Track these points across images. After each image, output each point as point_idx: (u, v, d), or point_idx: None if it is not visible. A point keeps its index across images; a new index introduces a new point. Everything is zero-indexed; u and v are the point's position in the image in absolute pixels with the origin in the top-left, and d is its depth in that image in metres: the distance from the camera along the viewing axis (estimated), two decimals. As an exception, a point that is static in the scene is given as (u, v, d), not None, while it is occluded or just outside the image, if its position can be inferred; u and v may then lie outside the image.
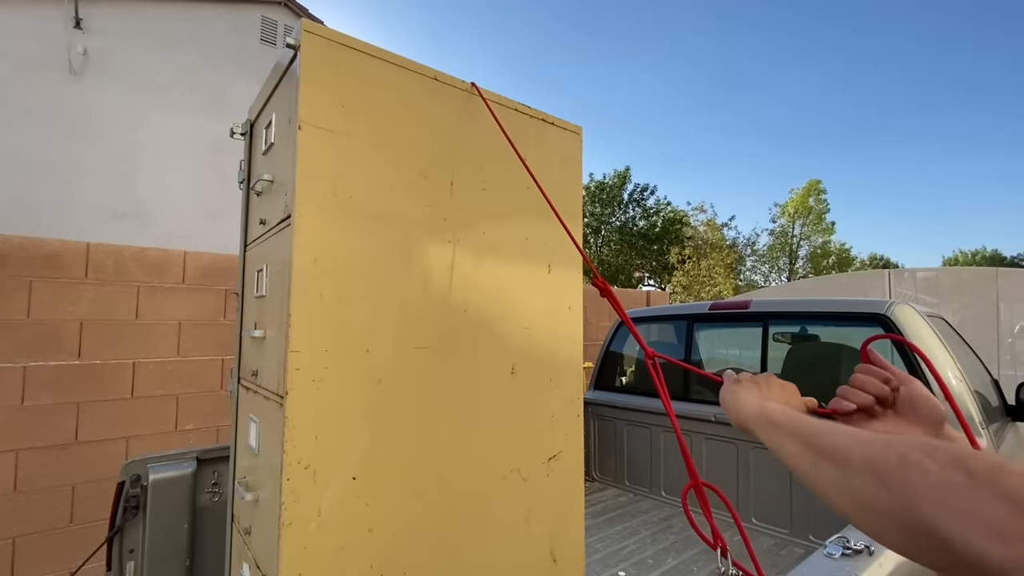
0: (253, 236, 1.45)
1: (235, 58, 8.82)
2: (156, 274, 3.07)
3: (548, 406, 1.45)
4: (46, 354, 2.72)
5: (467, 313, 1.28)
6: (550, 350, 1.46)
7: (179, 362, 3.13)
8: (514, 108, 1.42)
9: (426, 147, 1.23)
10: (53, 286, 2.75)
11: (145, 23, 8.06)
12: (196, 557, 1.74)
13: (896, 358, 2.21)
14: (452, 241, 1.26)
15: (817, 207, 27.45)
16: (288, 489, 0.99)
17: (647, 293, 6.69)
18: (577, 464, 1.51)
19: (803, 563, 1.13)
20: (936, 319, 2.46)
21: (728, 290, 23.02)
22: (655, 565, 2.22)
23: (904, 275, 5.90)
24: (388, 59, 1.19)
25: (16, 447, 2.62)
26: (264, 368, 1.23)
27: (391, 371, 1.14)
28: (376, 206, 1.14)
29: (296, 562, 0.99)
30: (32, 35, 7.19)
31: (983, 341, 4.93)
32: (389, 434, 1.13)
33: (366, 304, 1.12)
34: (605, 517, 2.73)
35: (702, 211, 26.98)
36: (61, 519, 2.73)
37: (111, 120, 7.68)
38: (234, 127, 1.56)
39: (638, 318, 3.47)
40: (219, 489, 1.79)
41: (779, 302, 2.83)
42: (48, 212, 7.08)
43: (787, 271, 27.89)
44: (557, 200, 1.49)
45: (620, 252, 26.80)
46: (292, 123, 1.07)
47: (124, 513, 1.65)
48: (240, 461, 1.48)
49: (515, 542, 1.35)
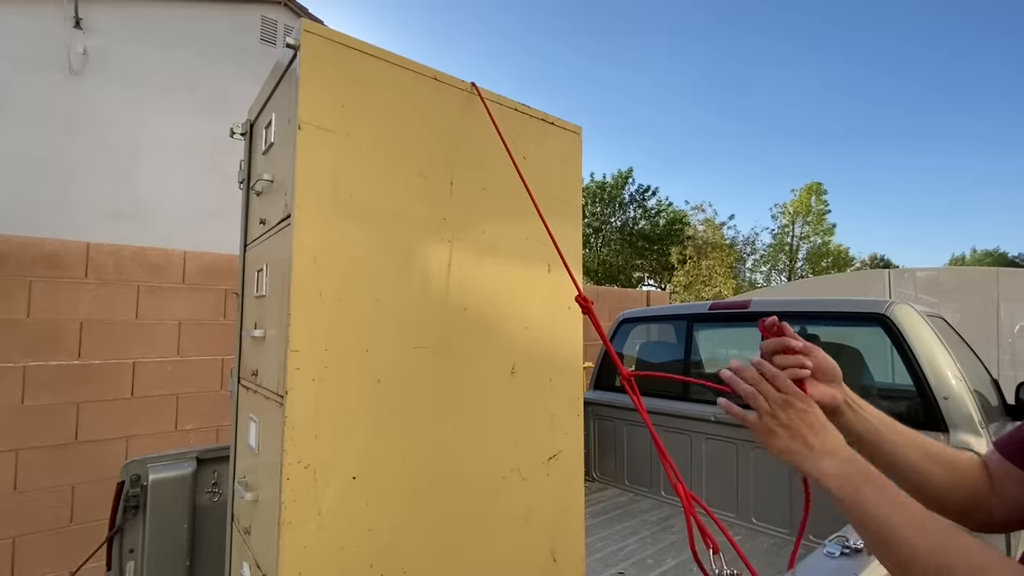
0: (253, 236, 1.45)
1: (235, 58, 8.82)
2: (156, 274, 3.07)
3: (548, 406, 1.45)
4: (46, 354, 2.72)
5: (467, 313, 1.28)
6: (550, 350, 1.46)
7: (179, 362, 3.13)
8: (514, 108, 1.42)
9: (426, 147, 1.23)
10: (53, 286, 2.75)
11: (145, 23, 8.06)
12: (196, 557, 1.74)
13: (896, 358, 2.21)
14: (452, 241, 1.26)
15: (818, 208, 27.46)
16: (288, 489, 0.99)
17: (647, 293, 6.69)
18: (577, 464, 1.51)
19: (803, 563, 1.13)
20: (936, 319, 2.46)
21: (728, 290, 23.02)
22: (655, 565, 2.22)
23: (904, 275, 5.89)
24: (388, 59, 1.19)
25: (16, 447, 2.62)
26: (264, 368, 1.23)
27: (391, 371, 1.14)
28: (376, 206, 1.14)
29: (296, 562, 0.99)
30: (32, 35, 7.19)
31: (983, 341, 4.93)
32: (389, 434, 1.13)
33: (366, 304, 1.12)
34: (605, 517, 2.73)
35: (702, 211, 26.98)
36: (61, 519, 2.73)
37: (111, 120, 7.68)
38: (234, 127, 1.56)
39: (638, 318, 3.47)
40: (219, 489, 1.79)
41: (779, 302, 2.83)
42: (48, 212, 7.08)
43: (787, 271, 27.89)
44: (557, 200, 1.49)
45: (620, 252, 26.80)
46: (292, 123, 1.07)
47: (124, 513, 1.65)
48: (240, 461, 1.48)
49: (515, 542, 1.35)
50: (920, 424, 2.01)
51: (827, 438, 0.66)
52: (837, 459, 0.64)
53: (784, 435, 0.68)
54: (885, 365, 2.52)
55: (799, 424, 0.67)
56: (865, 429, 0.77)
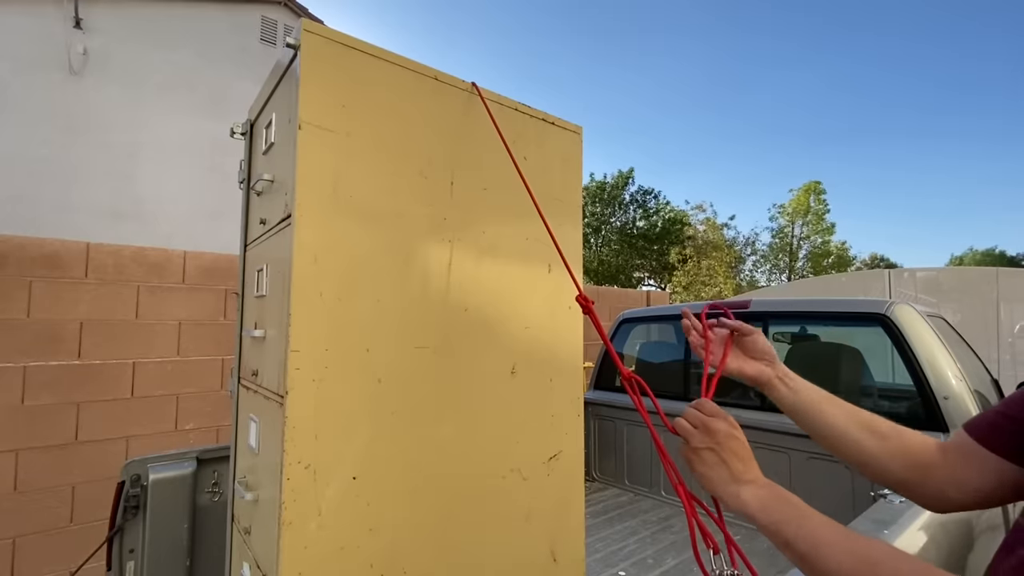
0: (253, 236, 1.45)
1: (235, 58, 8.83)
2: (156, 274, 3.07)
3: (548, 406, 1.45)
4: (46, 354, 2.72)
5: (467, 313, 1.28)
6: (550, 350, 1.46)
7: (179, 362, 3.13)
8: (514, 108, 1.42)
9: (427, 147, 1.23)
10: (53, 286, 2.75)
11: (145, 23, 8.06)
12: (196, 557, 1.74)
13: (896, 358, 2.21)
14: (452, 241, 1.26)
15: (817, 207, 27.46)
16: (288, 489, 0.99)
17: (647, 293, 6.69)
18: (577, 464, 1.51)
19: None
20: (936, 319, 2.46)
21: (728, 290, 23.02)
22: (655, 565, 2.22)
23: (904, 275, 5.89)
24: (388, 59, 1.19)
25: (16, 447, 2.62)
26: (264, 368, 1.23)
27: (391, 370, 1.14)
28: (376, 206, 1.14)
29: (296, 562, 0.99)
30: (32, 35, 7.19)
31: (983, 341, 4.93)
32: (389, 433, 1.13)
33: (366, 304, 1.12)
34: (605, 517, 2.73)
35: (702, 210, 27.00)
36: (61, 519, 2.73)
37: (111, 120, 7.69)
38: (234, 127, 1.56)
39: (638, 318, 3.47)
40: (219, 489, 1.79)
41: (779, 302, 2.83)
42: (48, 212, 7.08)
43: (787, 271, 27.90)
44: (557, 200, 1.49)
45: (620, 252, 26.80)
46: (292, 123, 1.07)
47: (124, 513, 1.65)
48: (240, 461, 1.48)
49: (515, 541, 1.35)
50: (920, 424, 2.01)
51: (750, 467, 0.70)
52: (758, 486, 0.68)
53: (710, 460, 0.72)
54: (885, 365, 2.52)
55: (724, 450, 0.71)
56: (799, 401, 0.85)
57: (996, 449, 0.69)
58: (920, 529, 1.25)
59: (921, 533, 1.25)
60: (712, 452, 0.72)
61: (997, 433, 0.70)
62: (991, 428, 0.71)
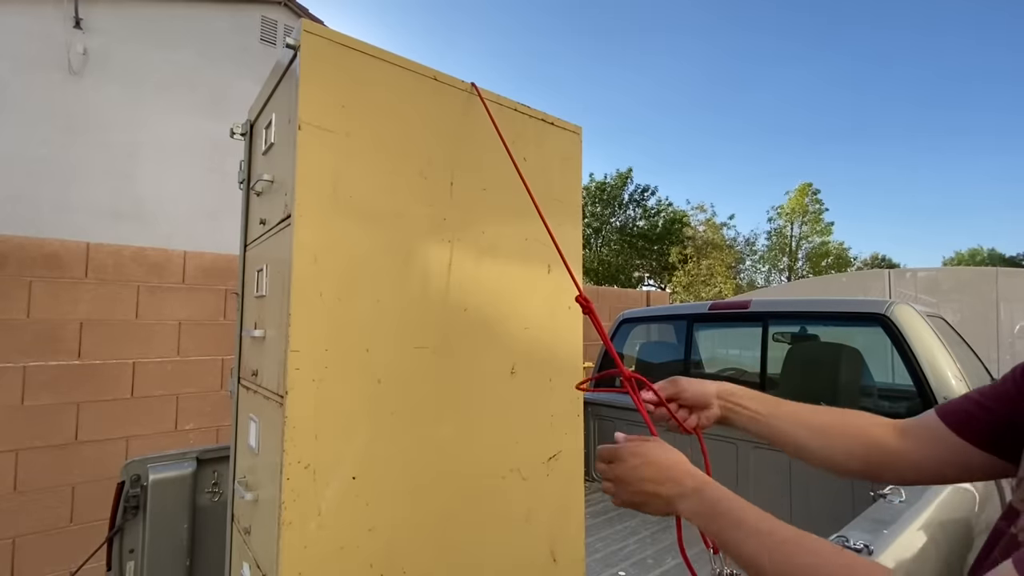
0: (253, 236, 1.45)
1: (235, 58, 8.83)
2: (156, 274, 3.07)
3: (548, 406, 1.45)
4: (46, 354, 2.72)
5: (467, 313, 1.28)
6: (550, 350, 1.46)
7: (179, 362, 3.13)
8: (514, 108, 1.42)
9: (426, 147, 1.23)
10: (53, 286, 2.75)
11: (145, 23, 8.06)
12: (196, 557, 1.74)
13: (896, 358, 2.21)
14: (452, 241, 1.26)
15: (813, 208, 27.46)
16: (288, 489, 0.99)
17: (647, 293, 6.69)
18: (577, 464, 1.51)
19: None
20: (936, 319, 2.46)
21: (728, 290, 23.03)
22: (655, 565, 2.22)
23: (904, 275, 5.89)
24: (388, 59, 1.19)
25: (16, 447, 2.62)
26: (264, 368, 1.23)
27: (391, 371, 1.14)
28: (376, 206, 1.14)
29: (296, 562, 0.99)
30: (32, 35, 7.19)
31: (983, 341, 4.92)
32: (389, 434, 1.13)
33: (366, 304, 1.12)
34: (605, 517, 2.73)
35: (702, 211, 27.01)
36: (61, 519, 2.73)
37: (111, 120, 7.69)
38: (234, 127, 1.56)
39: (638, 318, 3.47)
40: (219, 489, 1.79)
41: (779, 302, 2.83)
42: (48, 212, 7.09)
43: (787, 271, 27.91)
44: (557, 200, 1.49)
45: (620, 252, 26.80)
46: (292, 123, 1.07)
47: (124, 513, 1.65)
48: (240, 461, 1.48)
49: (515, 542, 1.35)
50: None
51: (672, 486, 0.71)
52: (690, 500, 0.69)
53: (637, 499, 0.74)
54: (885, 365, 2.52)
55: (639, 484, 0.73)
56: (749, 420, 0.89)
57: (968, 437, 0.71)
58: (920, 529, 1.25)
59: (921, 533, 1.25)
60: (633, 491, 0.74)
61: (972, 422, 0.71)
62: (967, 417, 0.72)
